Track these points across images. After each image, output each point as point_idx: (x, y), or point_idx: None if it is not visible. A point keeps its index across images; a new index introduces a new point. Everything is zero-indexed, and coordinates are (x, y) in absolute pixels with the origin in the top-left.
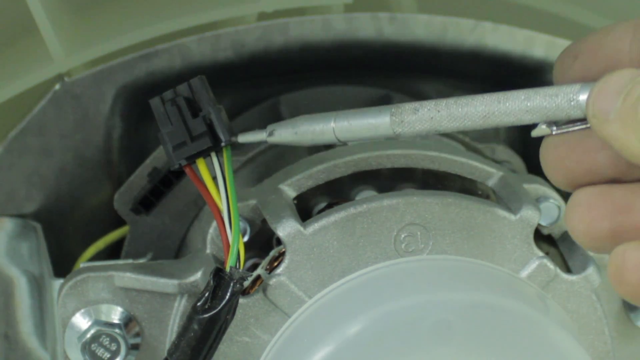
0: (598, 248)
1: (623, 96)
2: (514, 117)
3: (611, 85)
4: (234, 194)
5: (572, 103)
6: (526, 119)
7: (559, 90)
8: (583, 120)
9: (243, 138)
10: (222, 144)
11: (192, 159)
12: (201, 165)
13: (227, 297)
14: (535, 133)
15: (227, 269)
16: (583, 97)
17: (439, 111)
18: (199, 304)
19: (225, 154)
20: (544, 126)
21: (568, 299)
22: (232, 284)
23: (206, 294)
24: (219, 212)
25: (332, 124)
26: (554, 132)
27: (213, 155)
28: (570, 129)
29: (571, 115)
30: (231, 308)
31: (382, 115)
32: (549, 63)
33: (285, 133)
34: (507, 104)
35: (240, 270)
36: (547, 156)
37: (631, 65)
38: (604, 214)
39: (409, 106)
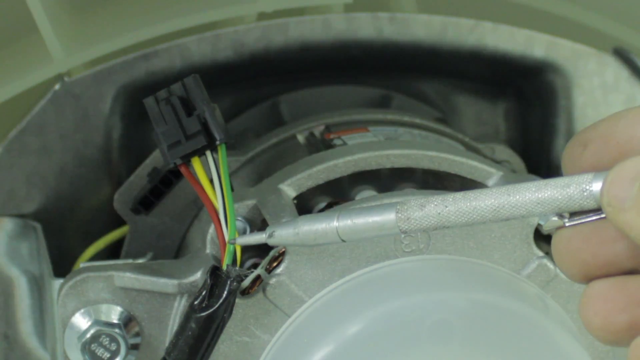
0: (615, 341)
1: (639, 183)
2: (525, 209)
3: (626, 172)
4: (230, 192)
5: (585, 193)
6: (537, 211)
7: (570, 180)
8: (597, 210)
9: (242, 240)
10: (217, 142)
11: (187, 158)
12: (196, 164)
13: (224, 295)
14: (547, 226)
15: (224, 268)
16: (596, 186)
17: (446, 206)
18: (196, 302)
19: (220, 152)
20: (555, 218)
21: (568, 299)
22: (229, 283)
23: (203, 293)
24: (215, 210)
25: (335, 223)
26: (566, 224)
27: (208, 153)
28: (584, 220)
29: (584, 206)
30: (228, 306)
31: (387, 213)
32: (549, 63)
33: (286, 234)
34: (517, 197)
35: (238, 268)
36: (561, 249)
37: None
38: (621, 307)
39: (414, 202)
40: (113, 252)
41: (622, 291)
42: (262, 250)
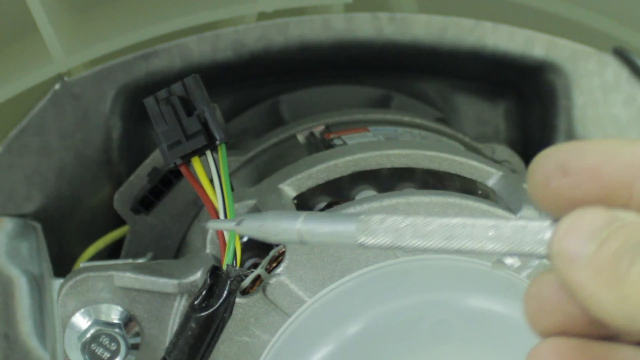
0: None
1: (599, 241)
2: (477, 243)
3: (584, 225)
4: (230, 192)
5: (538, 237)
6: (489, 248)
7: (527, 223)
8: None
9: (214, 225)
10: (217, 142)
11: (187, 158)
12: (196, 164)
13: (224, 295)
14: (493, 266)
15: (224, 267)
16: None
17: (404, 224)
18: (196, 302)
19: (220, 152)
20: (507, 259)
21: None
22: (229, 282)
23: (203, 293)
24: (215, 210)
25: (298, 225)
26: (511, 267)
27: (208, 153)
28: (530, 267)
29: (535, 251)
30: (229, 306)
31: (349, 223)
32: (549, 63)
33: (252, 225)
34: (473, 230)
35: (238, 268)
36: (527, 304)
37: None
38: None
39: (377, 217)
40: (113, 252)
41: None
42: (262, 250)
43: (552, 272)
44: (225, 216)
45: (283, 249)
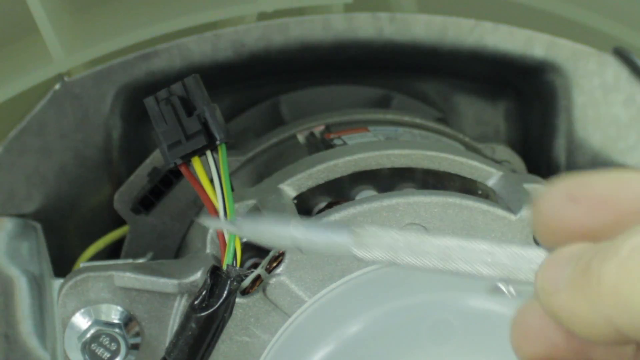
0: None
1: (574, 263)
2: (472, 267)
3: (562, 255)
4: (230, 192)
5: (533, 266)
6: (485, 273)
7: (524, 250)
8: None
9: (215, 224)
10: (217, 142)
11: (187, 158)
12: (197, 164)
13: (224, 295)
14: (489, 292)
15: (224, 267)
16: None
17: (399, 241)
18: (196, 302)
19: (221, 152)
20: (501, 286)
21: None
22: (229, 282)
23: (203, 293)
24: (215, 210)
25: (293, 233)
26: (509, 294)
27: (208, 153)
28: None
29: (529, 279)
30: (229, 306)
31: (344, 234)
32: (549, 63)
33: (247, 228)
34: (470, 253)
35: (238, 268)
36: (513, 331)
37: None
38: None
39: (372, 230)
40: (113, 252)
41: None
42: (262, 250)
43: (537, 300)
44: (226, 217)
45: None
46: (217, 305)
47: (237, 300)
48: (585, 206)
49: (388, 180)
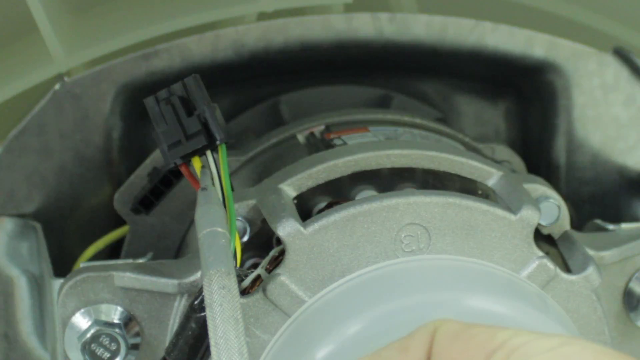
0: None
1: None
2: None
3: None
4: (230, 192)
5: None
6: None
7: None
8: None
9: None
10: (217, 142)
11: (187, 158)
12: (197, 164)
13: None
14: None
15: None
16: None
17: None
18: (196, 302)
19: (221, 152)
20: None
21: (568, 298)
22: None
23: (203, 292)
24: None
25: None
26: None
27: (208, 153)
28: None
29: None
30: None
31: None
32: (549, 63)
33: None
34: None
35: (238, 268)
36: None
37: None
38: None
39: None
40: (113, 252)
41: None
42: (262, 250)
43: None
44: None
45: (283, 249)
46: None
47: None
48: None
49: (388, 180)
